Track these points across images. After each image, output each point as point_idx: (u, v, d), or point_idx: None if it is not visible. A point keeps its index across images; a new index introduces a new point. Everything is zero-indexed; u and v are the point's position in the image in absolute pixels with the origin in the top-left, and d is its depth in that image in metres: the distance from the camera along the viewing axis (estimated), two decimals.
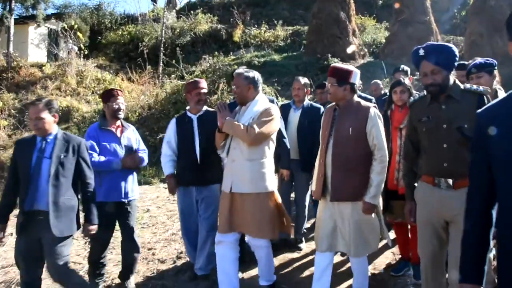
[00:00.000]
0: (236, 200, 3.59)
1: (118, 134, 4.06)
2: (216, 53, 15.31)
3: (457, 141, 2.69)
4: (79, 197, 3.53)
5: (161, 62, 15.30)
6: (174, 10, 20.51)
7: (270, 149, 3.64)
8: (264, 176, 3.57)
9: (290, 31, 18.68)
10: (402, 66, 6.08)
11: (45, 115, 3.31)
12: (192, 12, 18.65)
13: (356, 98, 3.38)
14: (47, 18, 16.92)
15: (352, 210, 3.24)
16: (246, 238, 3.86)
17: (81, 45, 15.10)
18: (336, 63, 12.06)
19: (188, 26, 18.02)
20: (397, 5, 15.92)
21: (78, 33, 15.27)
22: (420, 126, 2.90)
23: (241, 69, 3.73)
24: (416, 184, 3.05)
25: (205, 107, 4.33)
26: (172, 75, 14.40)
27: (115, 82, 14.48)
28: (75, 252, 5.10)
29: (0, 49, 14.89)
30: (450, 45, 2.82)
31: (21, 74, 14.32)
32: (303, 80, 5.08)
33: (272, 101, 4.26)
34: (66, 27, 15.37)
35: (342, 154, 3.26)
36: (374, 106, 3.35)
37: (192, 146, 4.15)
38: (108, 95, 4.07)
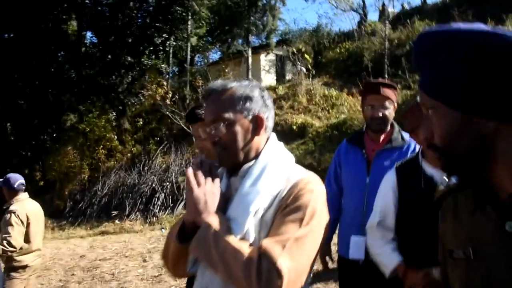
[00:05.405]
0: None
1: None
2: None
3: None
4: None
5: (386, 74, 15.43)
6: (387, 22, 20.52)
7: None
8: None
9: None
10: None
11: None
12: (408, 20, 18.36)
13: None
14: (276, 45, 18.82)
15: None
16: None
17: (309, 66, 16.27)
18: None
19: (405, 36, 17.81)
20: None
21: (306, 55, 16.53)
22: (451, 267, 1.08)
23: (221, 82, 1.56)
24: None
25: None
26: (398, 86, 14.40)
27: (341, 97, 15.17)
28: None
29: (240, 78, 17.08)
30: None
31: None
32: None
33: None
34: (294, 51, 16.81)
35: None
36: None
37: (435, 236, 1.86)
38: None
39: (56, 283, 7.44)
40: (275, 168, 1.46)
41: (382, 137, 2.85)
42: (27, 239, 4.57)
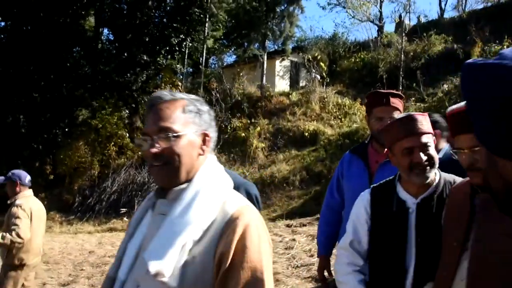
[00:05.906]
0: None
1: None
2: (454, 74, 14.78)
3: None
4: None
5: (401, 86, 15.42)
6: (403, 34, 20.52)
7: None
8: None
9: None
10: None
11: None
12: (425, 34, 18.34)
13: None
14: (291, 51, 18.87)
15: None
16: None
17: (323, 74, 16.29)
18: None
19: (421, 49, 17.78)
20: None
21: (321, 63, 16.56)
22: None
23: (169, 92, 1.42)
24: None
25: (436, 176, 2.00)
26: (412, 98, 14.38)
27: (354, 106, 15.17)
28: None
29: (254, 82, 17.14)
30: None
31: (272, 102, 16.17)
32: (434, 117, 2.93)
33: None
34: (309, 58, 16.84)
35: None
36: None
37: (401, 263, 1.95)
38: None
39: (66, 277, 7.47)
40: (209, 194, 1.30)
41: (386, 149, 2.78)
42: None
